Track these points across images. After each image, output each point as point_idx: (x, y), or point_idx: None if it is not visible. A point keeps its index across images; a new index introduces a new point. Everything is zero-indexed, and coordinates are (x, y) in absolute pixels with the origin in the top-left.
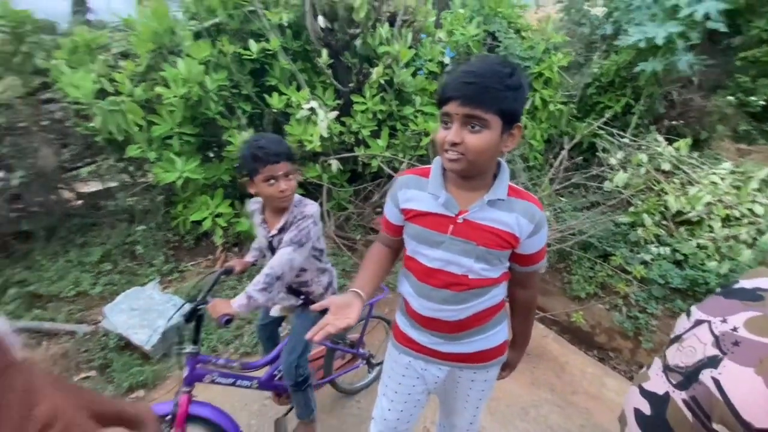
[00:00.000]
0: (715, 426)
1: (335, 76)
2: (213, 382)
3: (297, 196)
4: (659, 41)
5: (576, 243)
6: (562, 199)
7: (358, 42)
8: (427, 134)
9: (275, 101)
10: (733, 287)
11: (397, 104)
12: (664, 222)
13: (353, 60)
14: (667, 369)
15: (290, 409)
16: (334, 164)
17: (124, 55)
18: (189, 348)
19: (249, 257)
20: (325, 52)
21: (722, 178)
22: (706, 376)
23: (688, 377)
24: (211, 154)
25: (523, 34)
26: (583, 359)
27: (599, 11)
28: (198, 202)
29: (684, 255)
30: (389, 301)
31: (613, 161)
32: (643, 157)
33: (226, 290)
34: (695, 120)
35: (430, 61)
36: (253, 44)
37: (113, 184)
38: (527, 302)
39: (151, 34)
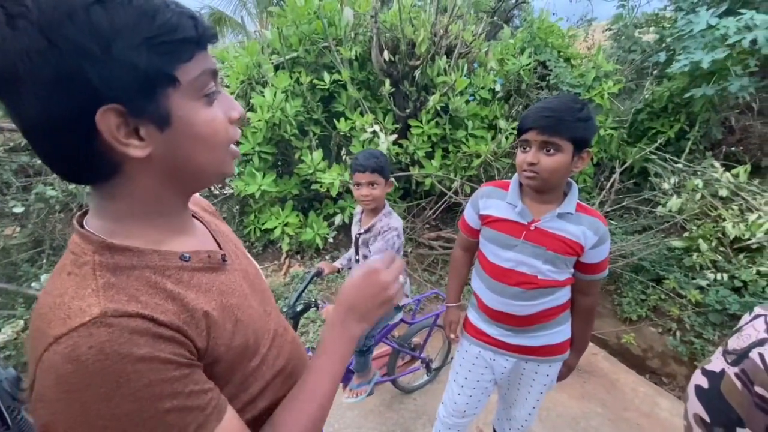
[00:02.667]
0: (756, 389)
1: (394, 102)
2: None
3: (388, 208)
4: (705, 65)
5: (627, 265)
6: (612, 222)
7: (417, 72)
8: (478, 156)
9: (342, 125)
10: None
11: (450, 128)
12: (722, 248)
13: (411, 88)
14: (725, 352)
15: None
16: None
17: None
18: None
19: (337, 263)
20: (387, 82)
21: None
22: (754, 353)
23: (740, 356)
24: (282, 171)
25: (573, 62)
26: (635, 378)
27: (650, 38)
28: (269, 213)
29: (743, 282)
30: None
31: (666, 186)
32: (699, 182)
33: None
34: (756, 146)
35: (482, 88)
36: (326, 76)
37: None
38: (588, 308)
39: (243, 67)
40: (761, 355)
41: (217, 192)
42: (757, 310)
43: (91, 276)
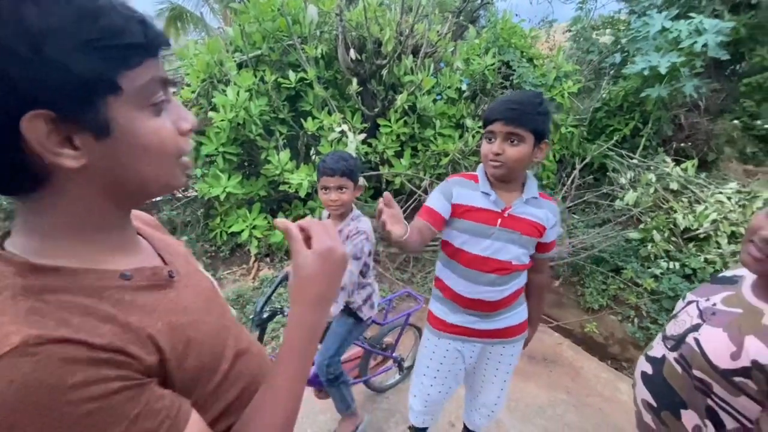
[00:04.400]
0: (695, 372)
1: (362, 102)
2: None
3: (357, 211)
4: (662, 70)
5: (588, 257)
6: (574, 216)
7: (384, 71)
8: (446, 154)
9: (309, 125)
10: (719, 276)
11: (419, 127)
12: (673, 238)
13: (379, 87)
14: (665, 338)
15: None
16: (361, 181)
17: (172, 83)
18: None
19: None
20: (354, 81)
21: (728, 198)
22: (690, 338)
23: (678, 341)
24: (248, 172)
25: (536, 62)
26: (597, 365)
27: (606, 39)
28: (235, 216)
29: (693, 269)
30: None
31: (622, 181)
32: (652, 177)
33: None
34: (703, 142)
35: (449, 88)
36: (291, 75)
37: (158, 198)
38: (543, 285)
39: (203, 65)
40: (696, 340)
41: (180, 195)
42: (690, 296)
43: (10, 301)
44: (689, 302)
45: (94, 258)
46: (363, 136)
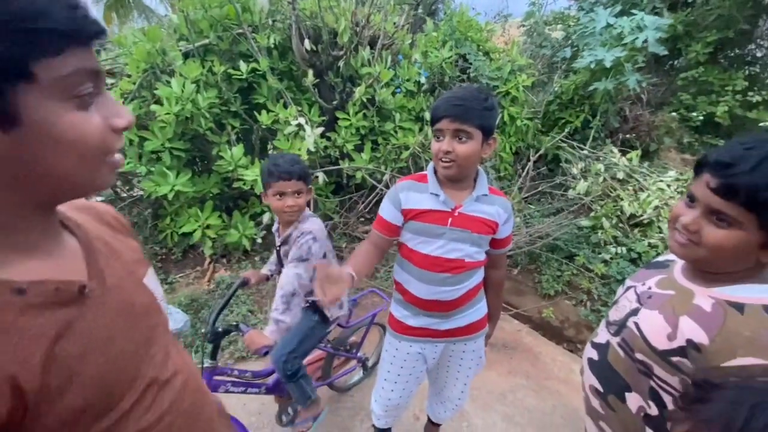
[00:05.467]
0: (636, 355)
1: (320, 94)
2: (227, 391)
3: (306, 212)
4: (608, 64)
5: (544, 245)
6: (530, 206)
7: (341, 63)
8: (407, 148)
9: (264, 118)
10: (653, 261)
11: (379, 120)
12: (621, 225)
13: (336, 79)
14: (608, 324)
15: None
16: (321, 177)
17: (110, 73)
18: (207, 363)
19: (265, 270)
20: (310, 73)
21: (668, 185)
22: (630, 322)
23: (620, 326)
24: (200, 169)
25: (492, 56)
26: (554, 349)
27: (558, 35)
28: (187, 215)
29: (638, 253)
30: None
31: (574, 171)
32: (601, 167)
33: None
34: (645, 133)
35: (408, 80)
36: (242, 65)
37: (99, 199)
38: (500, 280)
39: (143, 54)
40: (636, 324)
41: (125, 195)
42: (628, 282)
43: None
44: (628, 288)
45: None
46: (321, 129)
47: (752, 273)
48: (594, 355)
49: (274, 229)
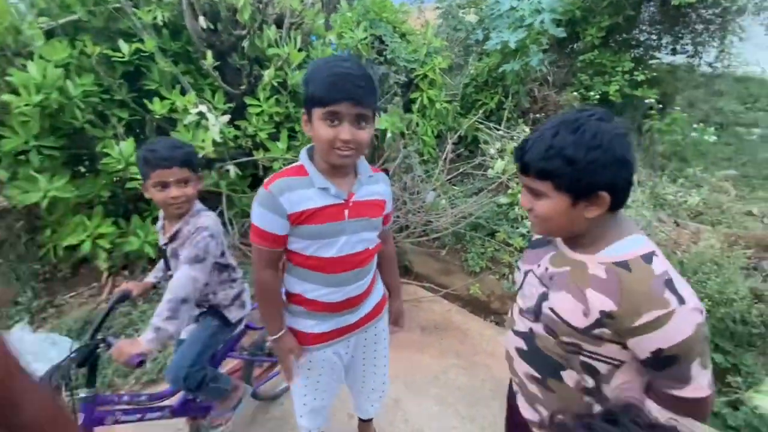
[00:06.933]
0: (562, 338)
1: (224, 78)
2: (116, 422)
3: (198, 206)
4: (513, 45)
5: (468, 225)
6: (454, 187)
7: (245, 43)
8: None
9: (157, 107)
10: (532, 240)
11: (294, 106)
12: None
13: (242, 62)
14: (521, 312)
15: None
16: (232, 170)
17: None
18: (84, 393)
19: (150, 278)
20: (209, 54)
21: None
22: (545, 308)
23: (536, 313)
24: (83, 169)
25: (408, 38)
26: (481, 324)
27: (472, 18)
28: (71, 224)
29: None
30: None
31: (492, 151)
32: (515, 146)
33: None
34: (553, 112)
35: None
36: (123, 45)
37: None
38: (392, 254)
39: None
40: (551, 309)
41: None
42: (522, 266)
43: None
44: (525, 273)
45: None
46: (227, 117)
47: (614, 231)
48: (521, 344)
49: (158, 226)
